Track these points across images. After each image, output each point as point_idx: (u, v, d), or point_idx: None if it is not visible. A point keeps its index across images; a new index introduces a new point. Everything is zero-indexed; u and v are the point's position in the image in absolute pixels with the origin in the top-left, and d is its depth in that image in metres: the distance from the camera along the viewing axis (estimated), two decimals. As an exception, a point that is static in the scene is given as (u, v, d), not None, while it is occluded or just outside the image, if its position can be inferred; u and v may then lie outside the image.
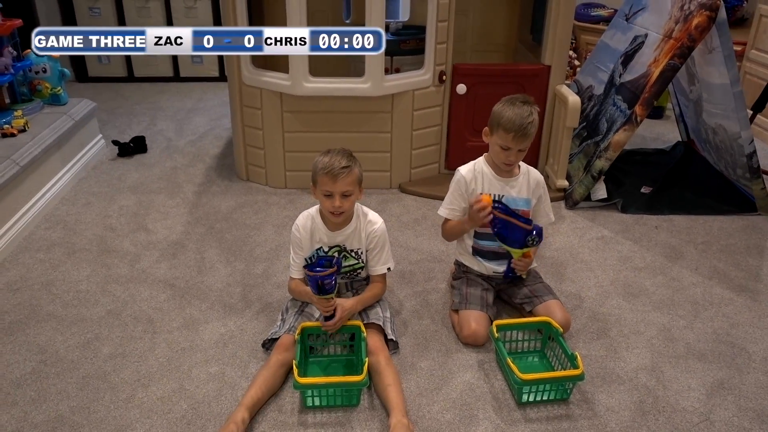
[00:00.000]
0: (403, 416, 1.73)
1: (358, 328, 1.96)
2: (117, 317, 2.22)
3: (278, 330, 2.02)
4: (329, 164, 1.90)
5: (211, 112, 4.46)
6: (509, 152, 2.04)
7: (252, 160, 3.27)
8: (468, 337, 2.07)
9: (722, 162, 3.21)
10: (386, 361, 1.89)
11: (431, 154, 3.28)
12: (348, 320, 1.99)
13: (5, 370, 1.97)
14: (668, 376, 1.98)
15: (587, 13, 5.08)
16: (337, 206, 1.93)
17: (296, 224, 2.06)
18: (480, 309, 2.11)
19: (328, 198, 1.94)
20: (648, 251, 2.70)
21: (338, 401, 1.83)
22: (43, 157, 2.97)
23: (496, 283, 2.25)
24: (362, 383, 1.78)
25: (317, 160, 1.95)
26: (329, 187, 1.91)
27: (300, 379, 1.77)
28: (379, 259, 2.09)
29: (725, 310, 2.31)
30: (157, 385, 1.91)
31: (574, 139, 3.32)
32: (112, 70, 5.14)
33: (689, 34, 2.72)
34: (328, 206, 1.96)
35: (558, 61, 3.15)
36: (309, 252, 2.05)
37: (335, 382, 1.81)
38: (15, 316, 2.23)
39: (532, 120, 2.00)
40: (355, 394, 1.84)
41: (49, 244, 2.69)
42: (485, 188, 2.13)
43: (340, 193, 1.92)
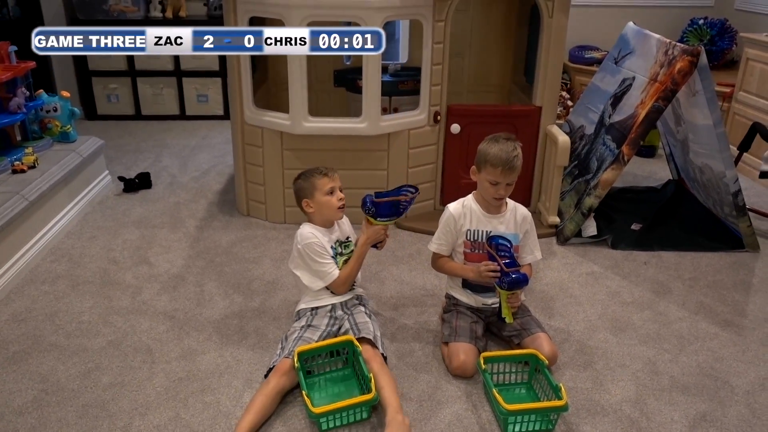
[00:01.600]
0: (397, 413, 1.85)
1: (350, 342, 2.06)
2: (117, 347, 2.29)
3: (278, 357, 2.09)
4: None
5: (214, 150, 4.58)
6: (498, 186, 2.14)
7: (253, 196, 3.37)
8: (457, 368, 2.13)
9: (710, 200, 3.29)
10: (379, 366, 2.01)
11: (426, 191, 3.38)
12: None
13: (8, 398, 2.03)
14: (652, 408, 2.03)
15: (581, 56, 5.23)
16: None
17: (310, 233, 2.20)
18: (469, 341, 2.17)
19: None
20: (636, 286, 2.77)
21: (351, 419, 1.91)
22: (51, 193, 3.08)
23: (485, 315, 2.32)
24: (373, 400, 1.88)
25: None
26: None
27: (315, 409, 1.83)
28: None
29: (710, 344, 2.37)
30: (154, 413, 1.97)
31: (566, 177, 3.41)
32: (120, 109, 5.30)
33: (673, 78, 2.84)
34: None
35: (549, 101, 3.26)
36: (463, 239, 2.23)
37: (349, 405, 1.89)
38: (19, 346, 2.30)
39: (516, 154, 2.12)
40: (366, 410, 1.92)
41: (54, 277, 2.78)
42: (474, 224, 2.22)
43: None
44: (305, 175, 2.23)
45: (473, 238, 2.23)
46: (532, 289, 2.70)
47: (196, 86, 5.24)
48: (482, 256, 2.20)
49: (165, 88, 5.23)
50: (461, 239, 2.24)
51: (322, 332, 2.18)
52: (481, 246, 2.21)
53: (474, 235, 2.22)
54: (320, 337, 2.16)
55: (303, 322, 2.22)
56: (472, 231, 2.23)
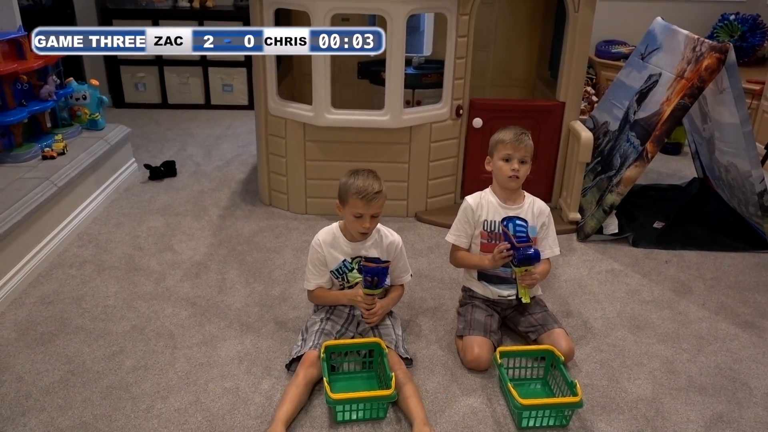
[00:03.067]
0: (425, 425, 1.85)
1: (378, 344, 2.07)
2: (141, 332, 2.35)
3: (301, 348, 2.12)
4: (363, 188, 2.03)
5: (238, 139, 4.63)
6: (512, 161, 2.17)
7: (275, 186, 3.41)
8: (471, 361, 2.14)
9: (735, 199, 3.25)
10: (404, 374, 2.01)
11: (447, 184, 3.39)
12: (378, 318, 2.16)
13: (36, 377, 2.10)
14: (668, 407, 2.02)
15: (608, 50, 5.17)
16: (367, 227, 2.09)
17: (318, 241, 2.19)
18: (483, 335, 2.19)
19: (358, 219, 2.08)
20: (656, 285, 2.75)
21: (367, 415, 1.93)
22: (79, 179, 3.15)
23: (501, 308, 2.33)
24: (391, 397, 1.89)
25: (348, 182, 2.07)
26: (361, 210, 2.06)
27: (332, 395, 1.86)
28: (402, 269, 2.25)
29: (729, 345, 2.35)
30: (175, 397, 2.02)
31: (589, 174, 3.39)
32: (147, 97, 5.38)
33: (700, 75, 2.81)
34: (357, 227, 2.10)
35: (572, 97, 3.24)
36: (334, 265, 2.18)
37: (367, 396, 1.92)
38: (46, 327, 2.37)
39: (524, 132, 2.19)
40: (383, 408, 1.94)
41: (81, 261, 2.85)
42: (491, 215, 2.23)
43: (370, 215, 2.06)
44: (350, 181, 2.07)
45: (490, 228, 2.24)
46: (550, 286, 2.70)
47: (222, 76, 5.29)
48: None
49: (191, 77, 5.30)
50: (478, 230, 2.25)
51: (341, 327, 2.21)
52: (498, 237, 2.23)
53: (491, 225, 2.24)
54: (339, 331, 2.19)
55: (322, 314, 2.25)
56: (489, 222, 2.24)
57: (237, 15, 5.05)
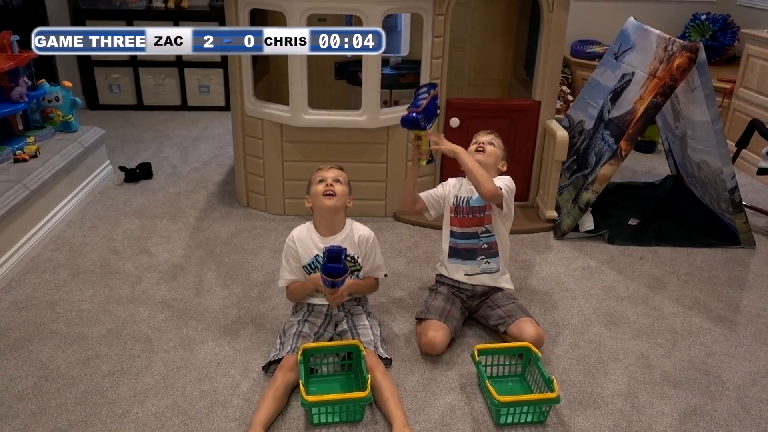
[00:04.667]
0: (404, 427, 1.85)
1: (357, 347, 2.06)
2: (117, 336, 2.32)
3: (279, 352, 2.11)
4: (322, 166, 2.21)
5: (215, 141, 4.60)
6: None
7: (253, 188, 3.40)
8: (425, 345, 2.18)
9: (708, 196, 3.30)
10: (382, 375, 2.00)
11: (425, 184, 3.38)
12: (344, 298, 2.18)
13: (8, 384, 2.06)
14: (643, 401, 2.05)
15: (583, 50, 5.23)
16: (329, 185, 2.13)
17: (291, 236, 2.23)
18: (439, 319, 2.23)
19: (321, 183, 2.14)
20: (632, 281, 2.79)
21: (344, 417, 1.92)
22: (53, 182, 3.11)
23: (466, 296, 2.37)
24: (367, 399, 1.88)
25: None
26: (322, 174, 2.16)
27: (307, 397, 1.86)
28: (374, 264, 2.25)
29: (703, 340, 2.39)
30: (152, 401, 2.00)
31: (565, 172, 3.43)
32: (122, 99, 5.31)
33: (671, 74, 2.85)
34: (321, 189, 2.14)
35: (548, 96, 3.27)
36: (307, 260, 2.19)
37: (341, 399, 1.91)
38: (20, 333, 2.33)
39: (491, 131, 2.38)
40: (359, 410, 1.93)
41: (55, 265, 2.81)
42: (462, 192, 2.36)
43: (332, 177, 2.15)
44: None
45: (457, 204, 2.36)
46: (528, 283, 2.73)
47: (198, 77, 5.25)
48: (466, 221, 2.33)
49: (167, 78, 5.25)
50: (449, 204, 2.37)
51: (319, 329, 2.21)
52: (464, 211, 2.34)
53: (458, 201, 2.36)
54: (317, 333, 2.19)
55: (300, 316, 2.25)
56: (459, 198, 2.36)
57: (212, 15, 5.02)
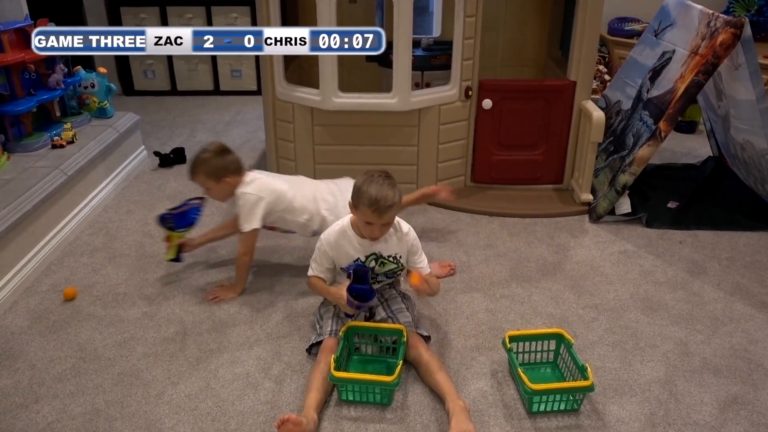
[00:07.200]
0: (458, 398, 1.86)
1: (401, 332, 2.05)
2: (152, 319, 2.36)
3: (320, 334, 2.13)
4: (375, 200, 1.91)
5: (248, 125, 4.62)
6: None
7: (284, 171, 3.39)
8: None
9: (751, 178, 3.19)
10: (427, 352, 2.02)
11: (457, 167, 3.35)
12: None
13: (48, 365, 2.12)
14: (681, 389, 2.00)
15: (621, 28, 5.07)
16: (377, 236, 2.03)
17: (327, 237, 2.13)
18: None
19: (368, 225, 1.99)
20: (670, 266, 2.71)
21: (371, 398, 1.93)
22: (89, 167, 3.16)
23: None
24: (393, 384, 1.87)
25: (363, 188, 1.95)
26: (372, 220, 1.96)
27: (336, 373, 1.88)
28: (417, 262, 2.17)
29: (745, 326, 2.31)
30: (185, 383, 2.03)
31: (601, 154, 3.34)
32: (156, 84, 5.37)
33: (714, 50, 2.74)
34: (367, 232, 2.03)
35: (584, 76, 3.18)
36: (345, 264, 2.13)
37: (366, 379, 1.92)
38: (59, 315, 2.39)
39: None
40: (387, 394, 1.93)
41: (92, 249, 2.86)
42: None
43: (380, 225, 1.99)
44: (364, 187, 1.95)
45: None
46: (562, 267, 2.68)
47: (230, 62, 5.27)
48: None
49: (200, 63, 5.28)
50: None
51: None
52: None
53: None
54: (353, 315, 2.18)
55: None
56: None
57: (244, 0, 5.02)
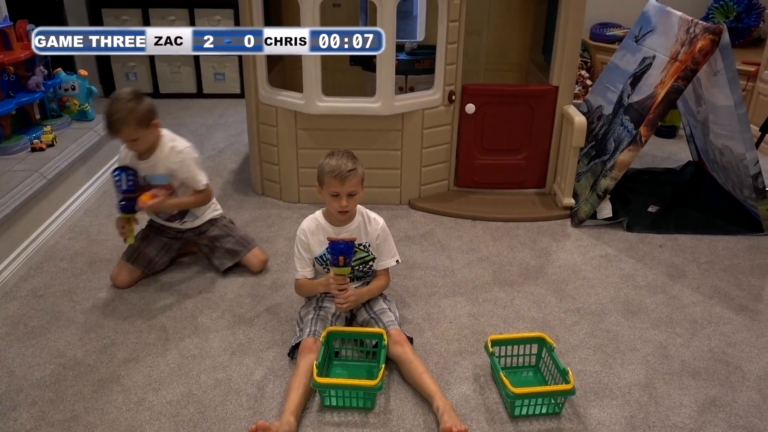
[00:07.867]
0: (444, 398, 1.89)
1: (381, 335, 2.06)
2: (132, 324, 2.34)
3: (299, 336, 2.13)
4: (336, 167, 2.07)
5: (231, 128, 4.60)
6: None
7: (267, 176, 3.39)
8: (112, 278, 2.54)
9: (730, 182, 3.23)
10: (411, 352, 2.04)
11: (441, 171, 3.36)
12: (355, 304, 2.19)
13: (27, 371, 2.09)
14: (661, 392, 2.02)
15: (603, 33, 5.12)
16: (344, 205, 2.10)
17: (302, 228, 2.22)
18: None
19: (335, 198, 2.10)
20: (650, 270, 2.74)
21: (354, 403, 1.92)
22: (70, 171, 3.13)
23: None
24: (376, 388, 1.88)
25: (323, 162, 2.11)
26: (337, 188, 2.08)
27: (318, 378, 1.88)
28: (387, 252, 2.24)
29: (723, 329, 2.35)
30: (167, 389, 2.01)
31: (583, 158, 3.37)
32: (138, 87, 5.26)
33: (693, 57, 2.78)
34: (335, 206, 2.11)
35: (566, 81, 3.21)
36: (318, 251, 2.19)
37: (350, 384, 1.92)
38: (38, 321, 2.36)
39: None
40: (370, 398, 1.93)
41: (72, 254, 2.83)
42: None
43: (346, 194, 2.08)
44: (326, 161, 2.11)
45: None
46: (544, 272, 2.70)
47: (214, 65, 5.24)
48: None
49: (182, 66, 5.24)
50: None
51: (334, 313, 2.20)
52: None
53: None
54: (334, 315, 2.20)
55: (314, 302, 2.25)
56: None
57: (227, 2, 4.99)
